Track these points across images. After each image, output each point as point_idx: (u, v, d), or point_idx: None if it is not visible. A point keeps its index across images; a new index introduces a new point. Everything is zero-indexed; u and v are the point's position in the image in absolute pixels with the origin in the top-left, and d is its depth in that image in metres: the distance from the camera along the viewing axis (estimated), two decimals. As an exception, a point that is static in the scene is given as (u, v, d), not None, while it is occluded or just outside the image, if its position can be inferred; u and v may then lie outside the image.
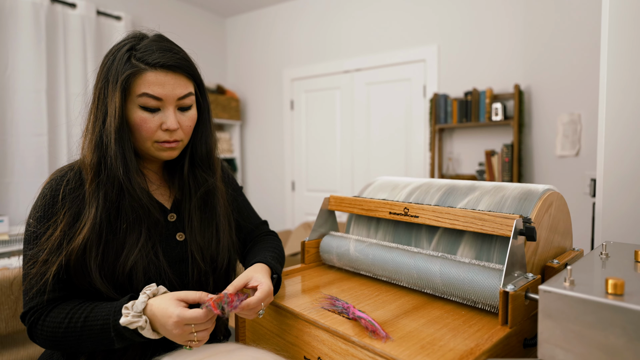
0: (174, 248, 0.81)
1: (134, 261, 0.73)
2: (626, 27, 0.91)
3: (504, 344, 0.59)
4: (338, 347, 0.63)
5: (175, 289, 0.78)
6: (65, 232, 0.72)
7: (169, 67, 0.74)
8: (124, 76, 0.72)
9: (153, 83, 0.73)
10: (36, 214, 0.74)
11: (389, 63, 3.13)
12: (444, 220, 0.76)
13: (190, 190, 0.84)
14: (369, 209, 0.90)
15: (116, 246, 0.74)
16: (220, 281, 0.87)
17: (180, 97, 0.76)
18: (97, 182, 0.74)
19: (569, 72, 2.18)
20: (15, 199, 2.58)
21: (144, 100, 0.73)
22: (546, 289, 0.51)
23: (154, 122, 0.75)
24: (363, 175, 3.30)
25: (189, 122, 0.79)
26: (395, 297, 0.78)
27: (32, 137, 2.65)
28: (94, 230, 0.72)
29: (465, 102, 2.68)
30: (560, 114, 2.24)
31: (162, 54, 0.74)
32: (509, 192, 0.79)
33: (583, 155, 2.09)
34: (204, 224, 0.85)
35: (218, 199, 0.87)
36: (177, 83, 0.75)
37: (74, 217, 0.73)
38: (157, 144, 0.77)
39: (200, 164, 0.85)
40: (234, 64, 4.07)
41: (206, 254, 0.83)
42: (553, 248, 0.79)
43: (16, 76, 2.59)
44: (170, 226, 0.82)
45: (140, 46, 0.75)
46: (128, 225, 0.74)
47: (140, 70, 0.72)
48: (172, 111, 0.75)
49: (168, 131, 0.76)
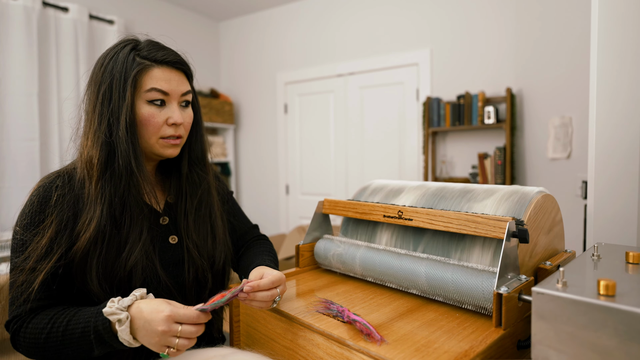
0: (166, 251, 0.81)
1: (135, 259, 0.73)
2: (615, 30, 0.92)
3: (498, 345, 0.59)
4: (333, 351, 0.63)
5: (171, 291, 0.78)
6: (53, 239, 0.71)
7: (173, 64, 0.79)
8: (134, 72, 0.75)
9: (160, 78, 0.77)
10: (23, 221, 0.73)
11: (382, 67, 3.15)
12: (437, 223, 0.76)
13: (187, 190, 0.85)
14: (363, 212, 0.90)
15: (119, 243, 0.74)
16: (218, 280, 0.87)
17: (183, 93, 0.80)
18: (103, 180, 0.74)
19: (559, 75, 2.21)
20: (6, 205, 2.55)
21: (152, 95, 0.76)
22: (539, 291, 0.51)
23: (161, 117, 0.78)
24: (357, 179, 3.30)
25: (190, 119, 0.83)
26: (389, 300, 0.78)
27: (23, 142, 2.62)
28: (99, 228, 0.72)
29: (458, 105, 2.70)
30: (552, 117, 2.26)
31: (167, 52, 0.78)
32: (501, 194, 0.79)
33: (574, 157, 2.12)
34: (199, 223, 0.85)
35: (213, 196, 0.89)
36: (180, 80, 0.80)
37: (65, 223, 0.73)
38: (163, 140, 0.79)
39: (197, 164, 0.87)
40: (228, 67, 4.07)
41: (203, 251, 0.84)
42: (546, 250, 0.79)
43: (7, 80, 2.56)
44: (162, 229, 0.82)
45: (141, 46, 0.78)
46: (132, 221, 0.75)
47: (148, 66, 0.76)
48: (176, 106, 0.79)
49: (174, 126, 0.79)
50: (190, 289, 0.82)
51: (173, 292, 0.79)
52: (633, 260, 0.63)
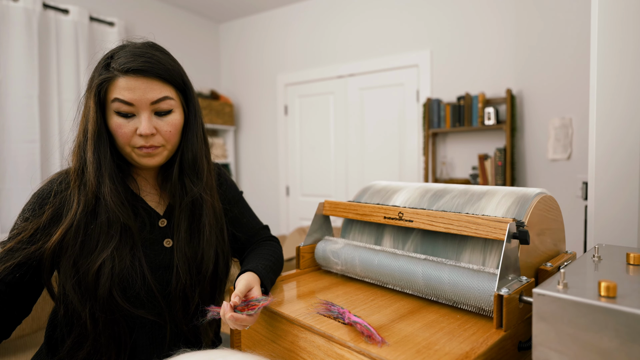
0: (158, 254, 0.81)
1: (101, 264, 0.73)
2: (615, 31, 0.92)
3: (499, 347, 0.59)
4: (334, 353, 0.63)
5: (154, 295, 0.78)
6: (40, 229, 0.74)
7: (138, 72, 0.73)
8: (96, 83, 0.74)
9: (123, 88, 0.73)
10: (24, 214, 0.76)
11: (383, 68, 3.15)
12: (438, 225, 0.76)
13: (179, 198, 0.84)
14: (363, 213, 0.90)
15: (89, 249, 0.75)
16: (206, 292, 0.85)
17: (153, 102, 0.75)
18: (78, 186, 0.76)
19: (559, 76, 2.21)
20: (7, 206, 2.55)
21: (116, 106, 0.74)
22: (540, 292, 0.51)
23: (129, 128, 0.75)
24: (357, 180, 3.31)
25: (168, 127, 0.78)
26: (390, 301, 0.78)
27: (24, 144, 2.62)
28: (69, 231, 0.73)
29: (458, 106, 2.70)
30: (552, 118, 2.27)
31: (133, 59, 0.74)
32: (501, 195, 0.79)
33: (575, 158, 2.12)
34: (190, 234, 0.84)
35: (204, 209, 0.85)
36: (149, 87, 0.74)
37: (52, 218, 0.75)
38: (137, 149, 0.77)
39: (188, 171, 0.84)
40: (228, 69, 4.08)
41: (192, 264, 0.82)
42: (546, 251, 0.79)
43: (8, 82, 2.57)
44: (158, 232, 0.82)
45: (118, 53, 0.75)
46: (101, 229, 0.75)
47: (113, 76, 0.74)
48: (146, 116, 0.75)
49: (143, 137, 0.76)
50: (176, 296, 0.80)
51: (156, 295, 0.78)
52: (634, 262, 0.62)
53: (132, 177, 0.82)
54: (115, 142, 0.78)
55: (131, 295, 0.75)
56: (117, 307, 0.74)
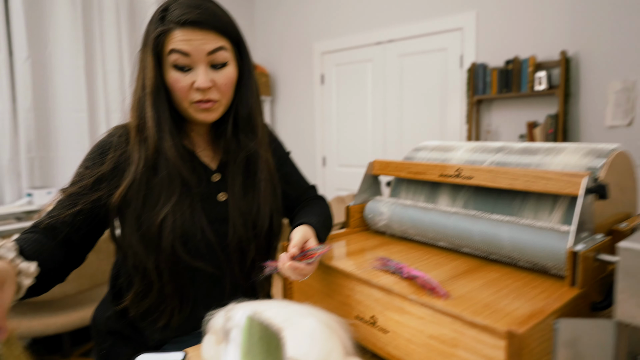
0: (213, 207, 0.82)
1: (163, 217, 0.74)
2: None
3: (574, 304, 0.56)
4: (393, 306, 0.61)
5: (213, 247, 0.79)
6: (101, 179, 0.75)
7: (194, 23, 0.72)
8: (153, 36, 0.73)
9: (180, 40, 0.72)
10: (85, 162, 0.78)
11: (423, 33, 3.01)
12: (501, 181, 0.72)
13: (234, 153, 0.84)
14: (417, 172, 0.87)
15: (151, 203, 0.76)
16: (262, 247, 0.86)
17: (209, 52, 0.74)
18: (139, 142, 0.76)
19: (622, 35, 2.02)
20: (61, 173, 2.70)
21: (174, 58, 0.73)
22: (628, 247, 0.47)
23: (186, 82, 0.74)
24: (395, 150, 3.23)
25: (224, 80, 0.77)
26: (446, 259, 0.75)
27: (72, 113, 2.73)
28: (132, 186, 0.75)
29: (506, 71, 2.55)
30: (612, 82, 2.10)
31: (189, 11, 0.72)
32: (572, 150, 0.74)
33: (637, 124, 1.96)
34: (245, 189, 0.84)
35: (259, 164, 0.85)
36: (205, 38, 0.73)
37: (119, 170, 0.76)
38: (195, 104, 0.77)
39: (242, 127, 0.83)
40: (263, 38, 4.03)
41: (248, 219, 0.83)
42: (619, 211, 0.73)
43: (56, 54, 2.65)
44: (212, 186, 0.82)
45: (173, 5, 0.74)
46: (162, 184, 0.76)
47: (169, 29, 0.73)
48: (203, 69, 0.74)
49: (201, 90, 0.75)
50: (233, 249, 0.82)
51: (215, 247, 0.80)
52: None
53: (187, 132, 0.82)
54: (172, 98, 0.77)
55: (192, 247, 0.77)
56: (179, 259, 0.76)
